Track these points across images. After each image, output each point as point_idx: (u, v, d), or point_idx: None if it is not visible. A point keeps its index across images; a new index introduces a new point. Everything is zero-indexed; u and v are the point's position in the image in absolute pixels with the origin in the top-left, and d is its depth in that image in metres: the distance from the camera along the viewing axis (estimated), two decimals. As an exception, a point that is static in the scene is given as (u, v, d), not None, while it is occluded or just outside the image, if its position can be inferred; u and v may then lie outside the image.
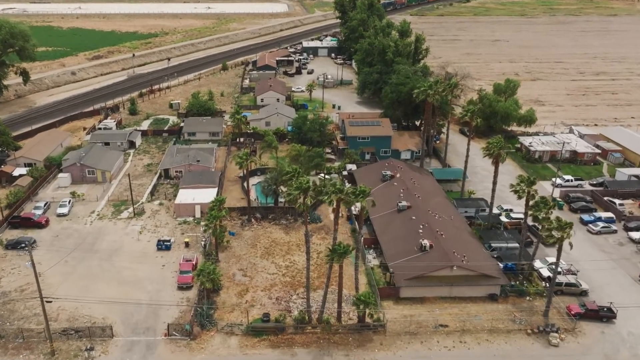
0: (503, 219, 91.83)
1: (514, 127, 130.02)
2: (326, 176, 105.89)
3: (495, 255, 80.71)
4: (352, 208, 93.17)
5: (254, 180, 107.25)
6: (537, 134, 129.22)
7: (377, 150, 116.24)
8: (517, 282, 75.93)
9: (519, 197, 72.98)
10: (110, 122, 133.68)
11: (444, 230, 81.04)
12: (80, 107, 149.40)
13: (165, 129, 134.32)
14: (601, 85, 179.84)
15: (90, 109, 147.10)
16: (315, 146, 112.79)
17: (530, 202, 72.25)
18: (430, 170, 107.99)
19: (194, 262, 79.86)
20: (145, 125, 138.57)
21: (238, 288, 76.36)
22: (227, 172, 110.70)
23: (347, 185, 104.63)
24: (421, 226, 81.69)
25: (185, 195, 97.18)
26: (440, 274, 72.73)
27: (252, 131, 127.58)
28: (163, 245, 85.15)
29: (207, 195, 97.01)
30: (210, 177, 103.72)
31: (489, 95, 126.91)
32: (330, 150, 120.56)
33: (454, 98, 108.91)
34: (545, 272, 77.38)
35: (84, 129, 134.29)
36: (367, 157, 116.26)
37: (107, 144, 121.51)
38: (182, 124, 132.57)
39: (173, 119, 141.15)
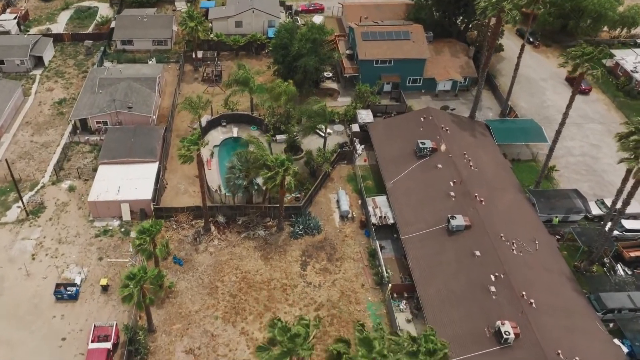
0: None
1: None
2: (328, 131, 69.15)
3: (607, 319, 48.85)
4: (371, 211, 58.55)
5: (216, 136, 70.33)
6: (633, 41, 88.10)
7: (403, 79, 77.04)
8: (657, 392, 45.07)
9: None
10: (8, 20, 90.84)
11: (532, 285, 47.75)
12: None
13: (90, 30, 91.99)
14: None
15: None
16: (311, 75, 73.55)
17: None
18: (484, 122, 70.56)
19: (111, 343, 47.56)
20: (62, 21, 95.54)
21: (184, 401, 45.40)
22: (177, 119, 73.32)
23: (359, 148, 68.73)
24: (493, 278, 48.21)
25: (106, 183, 61.32)
26: (534, 399, 41.51)
27: (216, 40, 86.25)
28: (65, 294, 52.27)
29: (141, 179, 61.70)
30: (148, 139, 66.49)
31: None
32: (330, 75, 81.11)
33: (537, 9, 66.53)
34: (701, 367, 46.16)
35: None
36: (387, 87, 77.67)
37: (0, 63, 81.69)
38: (113, 25, 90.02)
39: (103, 11, 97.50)
